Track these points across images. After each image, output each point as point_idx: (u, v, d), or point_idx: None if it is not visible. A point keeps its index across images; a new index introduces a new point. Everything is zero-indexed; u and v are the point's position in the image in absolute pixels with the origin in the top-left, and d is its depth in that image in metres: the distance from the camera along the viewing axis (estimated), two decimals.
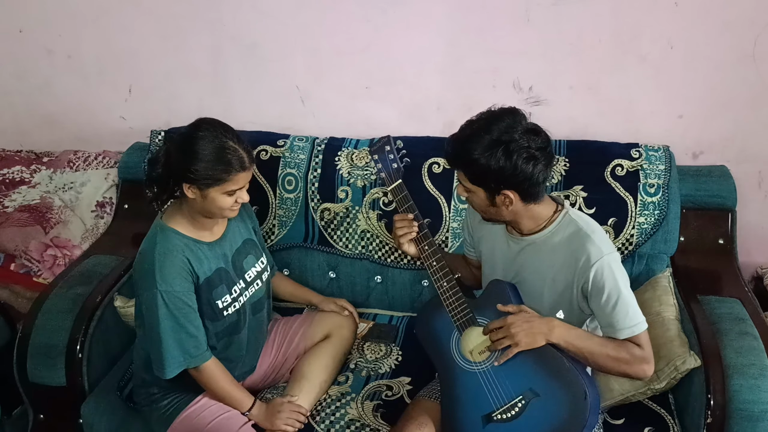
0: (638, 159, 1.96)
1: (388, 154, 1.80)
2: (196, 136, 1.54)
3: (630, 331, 1.46)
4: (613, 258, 1.46)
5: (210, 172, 1.53)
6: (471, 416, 1.54)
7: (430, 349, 1.69)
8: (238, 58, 2.23)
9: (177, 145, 1.57)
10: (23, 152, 2.42)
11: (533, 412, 1.48)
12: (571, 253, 1.47)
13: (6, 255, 2.23)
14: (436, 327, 1.68)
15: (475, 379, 1.56)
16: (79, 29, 2.30)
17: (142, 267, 1.60)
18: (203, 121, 1.58)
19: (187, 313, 1.59)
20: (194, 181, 1.54)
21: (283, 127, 2.22)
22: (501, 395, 1.52)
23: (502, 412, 1.51)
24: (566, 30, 2.02)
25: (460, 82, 2.14)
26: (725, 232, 2.01)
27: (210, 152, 1.53)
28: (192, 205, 1.60)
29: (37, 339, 1.80)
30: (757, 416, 1.52)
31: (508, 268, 1.59)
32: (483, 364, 1.56)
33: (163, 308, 1.56)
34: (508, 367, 1.53)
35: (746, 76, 2.01)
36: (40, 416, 1.87)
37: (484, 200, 1.48)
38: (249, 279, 1.75)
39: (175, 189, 1.60)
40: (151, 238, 1.63)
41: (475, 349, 1.59)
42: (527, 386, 1.50)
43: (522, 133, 1.40)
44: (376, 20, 2.10)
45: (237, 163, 1.55)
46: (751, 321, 1.72)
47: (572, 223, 1.50)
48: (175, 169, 1.56)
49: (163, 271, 1.56)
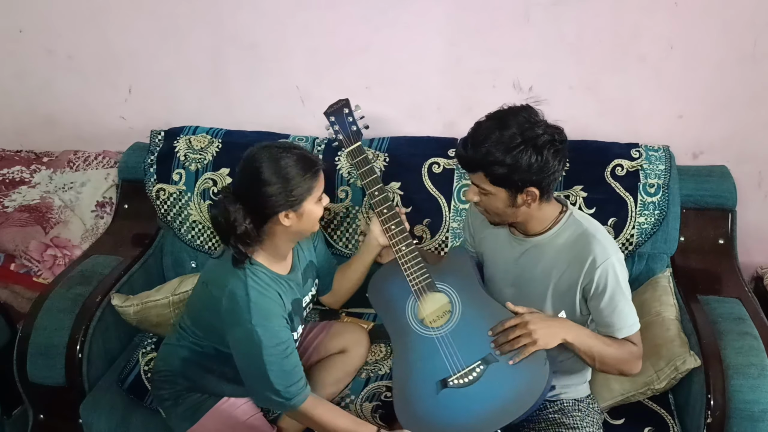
0: (638, 159, 1.96)
1: (347, 116, 1.80)
2: (259, 165, 1.45)
3: (628, 331, 1.48)
4: (617, 259, 1.46)
5: (304, 182, 1.46)
6: (426, 382, 1.54)
7: (383, 313, 1.69)
8: (238, 58, 2.23)
9: (248, 184, 1.47)
10: (23, 152, 2.42)
11: (491, 378, 1.49)
12: (577, 255, 1.47)
13: (6, 255, 2.23)
14: (391, 291, 1.68)
15: (432, 344, 1.56)
16: (79, 29, 2.30)
17: (232, 304, 1.49)
18: (251, 151, 1.49)
19: (283, 350, 1.51)
20: (287, 205, 1.46)
21: (283, 127, 2.22)
22: (459, 360, 1.52)
23: (459, 377, 1.51)
24: (566, 30, 2.02)
25: (460, 82, 2.14)
26: (725, 232, 2.01)
27: (292, 165, 1.46)
28: (283, 234, 1.52)
29: (37, 339, 1.80)
30: (757, 416, 1.52)
31: (509, 269, 1.58)
32: (440, 330, 1.56)
33: (256, 348, 1.47)
34: (468, 333, 1.54)
35: (746, 76, 2.01)
36: (40, 416, 1.87)
37: (504, 201, 1.44)
38: (304, 305, 1.70)
39: (261, 231, 1.50)
40: (236, 272, 1.51)
41: (433, 315, 1.59)
42: (486, 351, 1.51)
43: (545, 126, 1.39)
44: (376, 20, 2.10)
45: (310, 165, 1.49)
46: (751, 321, 1.72)
47: (576, 223, 1.50)
48: (261, 208, 1.47)
49: (262, 309, 1.49)
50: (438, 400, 1.51)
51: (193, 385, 1.67)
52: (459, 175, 2.03)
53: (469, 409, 1.49)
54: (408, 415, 1.53)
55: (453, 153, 2.06)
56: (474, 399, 1.49)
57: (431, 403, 1.52)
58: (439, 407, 1.51)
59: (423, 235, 2.04)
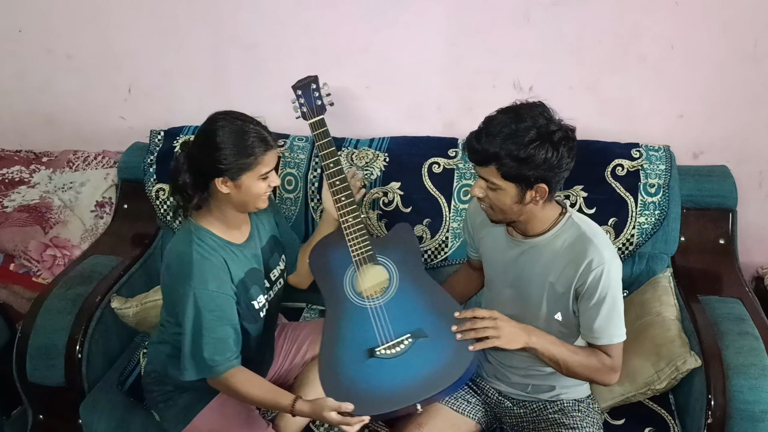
0: (639, 159, 1.96)
1: (313, 92, 1.84)
2: (215, 128, 1.52)
3: (608, 339, 1.47)
4: (614, 266, 1.44)
5: (239, 157, 1.51)
6: (354, 350, 1.58)
7: (321, 281, 1.73)
8: (238, 58, 2.23)
9: (197, 144, 1.55)
10: (23, 152, 2.42)
11: (417, 351, 1.54)
12: (574, 258, 1.46)
13: (5, 255, 2.23)
14: (332, 260, 1.72)
15: (364, 314, 1.61)
16: (78, 29, 2.30)
17: (178, 267, 1.54)
18: (217, 114, 1.57)
19: (219, 316, 1.53)
20: (226, 173, 1.51)
21: (283, 127, 2.21)
22: (389, 332, 1.57)
23: (386, 348, 1.56)
24: (566, 30, 2.02)
25: (460, 82, 2.14)
26: (726, 232, 2.01)
27: (233, 138, 1.51)
28: (226, 202, 1.57)
29: (36, 339, 1.80)
30: (758, 416, 1.52)
31: (508, 270, 1.58)
32: (375, 301, 1.61)
33: (193, 310, 1.51)
34: (401, 306, 1.60)
35: (746, 76, 2.01)
36: (40, 416, 1.87)
37: (513, 197, 1.41)
38: (273, 278, 1.73)
39: (205, 192, 1.56)
40: (184, 238, 1.58)
41: (370, 286, 1.64)
42: (417, 326, 1.56)
43: (559, 123, 1.38)
44: (376, 20, 2.10)
45: (261, 143, 1.53)
46: (751, 321, 1.72)
47: (575, 226, 1.49)
48: (203, 168, 1.53)
49: (202, 272, 1.52)
50: (363, 369, 1.55)
51: (179, 383, 1.65)
52: (459, 174, 2.03)
53: (393, 380, 1.53)
54: (332, 383, 1.55)
55: (453, 153, 2.06)
56: (398, 370, 1.53)
57: (356, 371, 1.56)
58: (364, 375, 1.55)
59: (423, 235, 2.04)
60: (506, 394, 1.66)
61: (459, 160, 2.04)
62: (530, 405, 1.64)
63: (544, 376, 1.60)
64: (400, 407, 1.50)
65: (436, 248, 2.04)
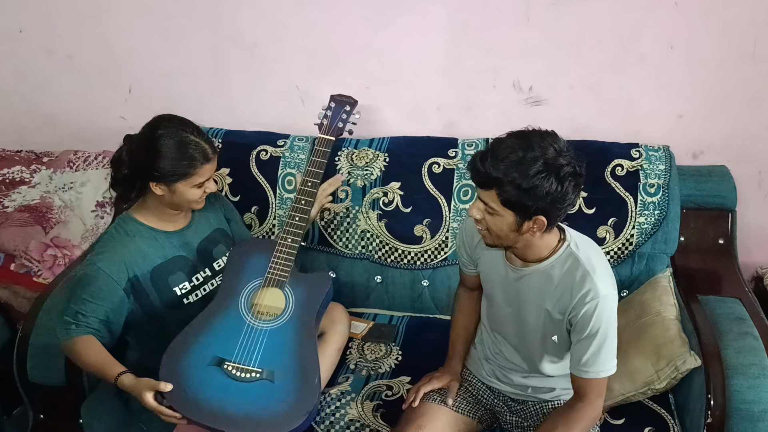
0: (638, 159, 1.96)
1: (343, 112, 1.86)
2: (156, 135, 1.57)
3: (595, 374, 1.43)
4: (608, 301, 1.40)
5: (175, 168, 1.57)
6: (209, 348, 1.57)
7: (228, 273, 1.73)
8: (238, 58, 2.23)
9: (139, 144, 1.60)
10: (23, 152, 2.42)
11: (255, 389, 1.53)
12: (570, 288, 1.42)
13: (6, 255, 2.23)
14: (250, 262, 1.73)
15: (240, 326, 1.61)
16: (79, 29, 2.30)
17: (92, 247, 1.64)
18: (162, 119, 1.61)
19: (93, 294, 1.58)
20: (161, 179, 1.58)
21: (283, 127, 2.22)
22: (249, 355, 1.57)
23: (234, 367, 1.55)
24: (566, 30, 2.02)
25: (460, 82, 2.14)
26: (725, 232, 2.01)
27: (172, 148, 1.57)
28: (160, 200, 1.65)
29: (37, 339, 1.79)
30: (758, 416, 1.52)
31: (507, 290, 1.55)
32: (258, 321, 1.62)
33: (80, 275, 1.60)
34: (274, 341, 1.60)
35: (746, 76, 2.01)
36: (40, 416, 1.87)
37: (509, 225, 1.36)
38: (218, 268, 1.78)
39: (142, 187, 1.63)
40: (110, 225, 1.69)
41: (263, 307, 1.65)
42: (273, 368, 1.55)
43: (571, 157, 1.32)
44: (376, 20, 2.10)
45: (200, 156, 1.59)
46: (751, 321, 1.72)
47: (572, 256, 1.44)
48: (140, 169, 1.60)
49: (105, 248, 1.62)
50: (203, 370, 1.54)
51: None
52: (459, 175, 2.03)
53: (220, 397, 1.51)
54: (170, 368, 1.53)
55: (453, 153, 2.06)
56: (229, 392, 1.52)
57: (196, 368, 1.54)
58: (200, 376, 1.53)
59: (423, 235, 2.04)
60: (506, 395, 1.67)
61: (459, 160, 2.04)
62: (530, 405, 1.64)
63: (545, 377, 1.60)
64: (211, 425, 1.48)
65: (436, 248, 2.04)
